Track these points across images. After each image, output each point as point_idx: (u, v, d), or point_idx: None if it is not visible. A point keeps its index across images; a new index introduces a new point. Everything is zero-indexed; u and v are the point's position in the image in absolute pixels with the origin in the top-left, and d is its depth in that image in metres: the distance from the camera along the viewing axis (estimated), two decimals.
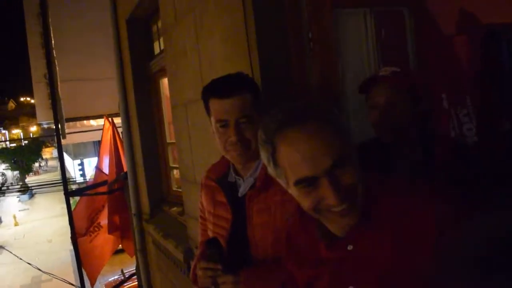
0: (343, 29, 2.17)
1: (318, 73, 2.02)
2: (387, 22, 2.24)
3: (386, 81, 1.69)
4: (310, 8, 2.05)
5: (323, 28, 2.05)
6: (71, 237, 5.90)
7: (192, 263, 1.73)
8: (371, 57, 2.24)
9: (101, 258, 6.56)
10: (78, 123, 15.95)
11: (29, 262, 12.98)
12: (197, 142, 2.94)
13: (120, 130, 6.16)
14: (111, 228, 6.02)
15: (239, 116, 1.52)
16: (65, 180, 6.00)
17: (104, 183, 6.24)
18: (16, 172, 45.75)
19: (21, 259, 8.03)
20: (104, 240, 6.46)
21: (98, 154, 7.29)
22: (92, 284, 6.91)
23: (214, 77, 1.65)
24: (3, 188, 35.95)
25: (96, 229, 6.49)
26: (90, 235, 6.44)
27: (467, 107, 2.40)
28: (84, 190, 7.39)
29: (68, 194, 5.80)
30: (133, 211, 5.04)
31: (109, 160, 6.34)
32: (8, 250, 8.94)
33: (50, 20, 10.06)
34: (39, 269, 7.73)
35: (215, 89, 1.56)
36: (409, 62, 2.29)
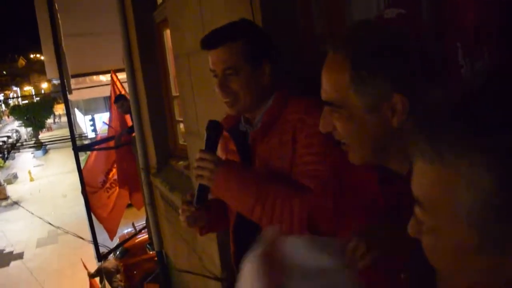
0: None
1: (324, 18, 1.90)
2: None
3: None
4: None
5: None
6: (82, 192, 5.97)
7: None
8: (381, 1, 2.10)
9: (118, 213, 6.68)
10: (87, 79, 15.92)
11: (44, 216, 13.33)
12: (200, 94, 2.87)
13: (126, 84, 6.11)
14: (121, 182, 6.08)
15: (224, 67, 1.45)
16: (73, 135, 6.01)
17: (112, 137, 6.25)
18: (29, 129, 46.31)
19: (32, 213, 8.16)
20: (119, 195, 6.55)
21: (110, 110, 7.28)
22: (112, 238, 7.08)
23: (216, 25, 1.57)
24: (17, 144, 36.51)
25: (113, 185, 6.57)
26: (108, 191, 6.52)
27: (483, 59, 2.27)
28: (93, 145, 7.42)
29: (77, 149, 5.81)
30: (141, 165, 5.05)
31: (113, 115, 6.33)
32: (22, 206, 9.11)
33: None
34: (50, 224, 7.90)
35: (203, 41, 1.50)
36: (421, 5, 2.15)
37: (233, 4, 2.13)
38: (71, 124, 5.81)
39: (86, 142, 20.96)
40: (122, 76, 7.13)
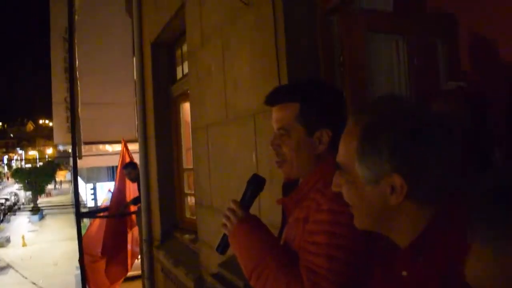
0: (375, 54, 2.11)
1: (347, 96, 1.94)
2: (420, 51, 2.17)
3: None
4: (342, 31, 2.00)
5: (354, 51, 2.00)
6: (79, 260, 5.78)
7: None
8: (402, 83, 2.17)
9: (112, 285, 6.45)
10: (93, 147, 16.09)
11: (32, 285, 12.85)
12: (216, 166, 2.86)
13: (135, 155, 6.16)
14: (104, 251, 5.98)
15: (278, 126, 1.41)
16: (77, 201, 5.94)
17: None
18: (28, 193, 46.02)
19: (26, 278, 7.86)
20: (116, 267, 6.35)
21: (116, 179, 7.27)
22: None
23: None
24: (14, 207, 36.11)
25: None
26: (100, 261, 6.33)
27: None
28: (96, 212, 7.32)
29: (79, 215, 5.72)
30: (144, 236, 4.93)
31: (117, 185, 6.34)
32: (15, 269, 8.81)
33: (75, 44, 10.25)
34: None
35: (266, 97, 1.45)
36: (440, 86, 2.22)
37: (259, 77, 2.18)
38: (77, 189, 5.77)
39: (84, 210, 20.71)
40: (131, 147, 7.22)
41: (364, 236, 1.14)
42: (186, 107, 4.25)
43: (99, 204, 19.51)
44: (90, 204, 23.66)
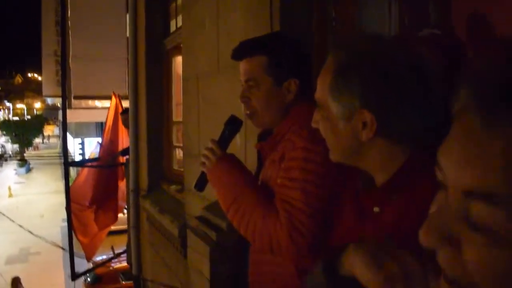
0: (366, 12, 2.17)
1: (338, 34, 2.02)
2: (411, 10, 2.23)
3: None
4: None
5: (346, 8, 2.06)
6: (66, 208, 5.91)
7: None
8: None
9: (100, 234, 6.60)
10: (83, 102, 16.04)
11: (18, 234, 13.00)
12: (206, 116, 2.94)
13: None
14: (92, 200, 6.10)
15: (245, 78, 1.49)
16: (65, 150, 6.01)
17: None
18: (15, 146, 45.79)
19: (13, 221, 8.00)
20: (103, 217, 6.48)
21: (103, 132, 7.32)
22: (89, 259, 6.92)
23: (230, 50, 1.63)
24: (1, 159, 35.99)
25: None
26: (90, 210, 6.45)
27: None
28: (85, 162, 7.40)
29: (68, 164, 5.80)
30: (131, 186, 5.04)
31: (107, 137, 6.39)
32: (4, 214, 8.92)
33: None
34: (31, 232, 7.71)
35: (232, 52, 1.54)
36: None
37: (252, 30, 2.24)
38: (65, 138, 5.83)
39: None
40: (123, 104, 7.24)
41: (335, 173, 1.24)
42: (178, 60, 4.27)
43: (87, 158, 19.55)
44: (78, 158, 23.71)
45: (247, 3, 2.31)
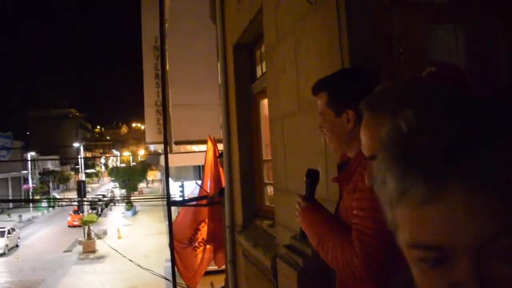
0: (434, 43, 2.29)
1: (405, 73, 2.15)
2: (478, 38, 2.31)
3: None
4: (402, 25, 2.21)
5: (414, 42, 2.20)
6: (169, 244, 6.37)
7: None
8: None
9: (200, 271, 6.98)
10: (181, 147, 17.10)
11: (126, 272, 13.89)
12: (291, 152, 3.16)
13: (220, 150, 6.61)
14: (208, 239, 6.43)
15: (319, 111, 1.79)
16: (168, 191, 6.54)
17: (204, 197, 6.69)
18: (123, 190, 49.46)
19: (124, 256, 8.63)
20: (204, 252, 6.87)
21: (203, 173, 7.81)
22: None
23: (309, 91, 1.89)
24: (111, 203, 38.99)
25: (202, 244, 6.91)
26: (196, 250, 6.87)
27: None
28: (185, 201, 7.92)
29: (170, 204, 6.30)
30: (227, 223, 5.36)
31: (210, 177, 6.81)
32: (117, 251, 9.67)
33: (166, 51, 11.04)
34: (140, 266, 8.27)
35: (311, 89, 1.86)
36: (500, 74, 2.33)
37: (326, 70, 2.45)
38: (168, 179, 6.36)
39: (174, 207, 21.87)
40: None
41: None
42: (265, 103, 4.59)
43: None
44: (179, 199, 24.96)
45: (320, 47, 2.54)
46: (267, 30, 3.64)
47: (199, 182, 7.74)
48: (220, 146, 6.24)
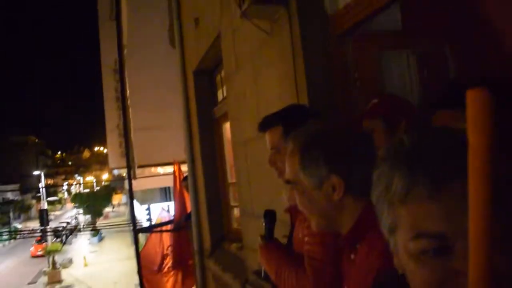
0: (387, 69, 2.39)
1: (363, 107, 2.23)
2: (429, 63, 2.42)
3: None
4: (356, 52, 2.30)
5: (368, 68, 2.29)
6: (138, 272, 6.24)
7: None
8: (415, 94, 2.43)
9: None
10: (146, 170, 16.84)
11: None
12: (255, 177, 3.19)
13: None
14: (175, 265, 6.33)
15: (270, 147, 1.83)
16: (133, 218, 6.43)
17: (170, 222, 6.61)
18: (87, 216, 48.15)
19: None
20: (175, 281, 6.75)
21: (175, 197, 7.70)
22: None
23: None
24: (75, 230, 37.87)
25: (171, 269, 6.78)
26: (166, 276, 6.73)
27: None
28: (152, 227, 7.81)
29: (136, 231, 6.19)
30: (196, 248, 5.31)
31: (175, 202, 6.74)
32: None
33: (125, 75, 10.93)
34: None
35: (258, 126, 1.91)
36: None
37: (284, 97, 2.51)
38: (133, 207, 6.26)
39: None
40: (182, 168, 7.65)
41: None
42: (227, 126, 4.62)
43: (153, 223, 20.19)
44: (145, 224, 24.54)
45: (278, 74, 2.60)
46: (226, 56, 3.68)
47: (165, 206, 7.67)
48: (185, 168, 6.21)
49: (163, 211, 7.72)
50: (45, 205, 35.92)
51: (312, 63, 2.31)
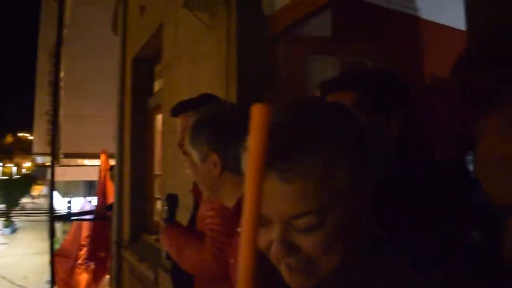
0: (314, 72, 2.55)
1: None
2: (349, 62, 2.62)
3: None
4: (285, 54, 2.44)
5: (295, 70, 2.44)
6: (50, 261, 6.01)
7: None
8: None
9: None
10: (72, 161, 16.24)
11: None
12: (180, 168, 3.24)
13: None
14: (90, 257, 6.18)
15: (181, 131, 1.96)
16: (52, 205, 6.20)
17: (90, 212, 6.44)
18: (2, 206, 45.24)
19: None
20: (89, 274, 6.55)
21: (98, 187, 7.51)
22: None
23: None
24: None
25: (84, 262, 6.58)
26: (80, 268, 6.51)
27: None
28: (71, 215, 7.55)
29: (53, 218, 5.98)
30: (114, 238, 5.22)
31: (98, 192, 6.59)
32: None
33: (62, 60, 10.56)
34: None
35: (170, 111, 2.06)
36: None
37: (215, 90, 2.60)
38: (52, 192, 6.04)
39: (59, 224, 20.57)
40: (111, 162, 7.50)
41: None
42: (160, 118, 4.63)
43: None
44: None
45: (213, 69, 2.69)
46: (166, 47, 3.72)
47: (89, 198, 7.46)
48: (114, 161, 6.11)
49: (86, 202, 7.48)
50: None
51: (244, 60, 2.42)
